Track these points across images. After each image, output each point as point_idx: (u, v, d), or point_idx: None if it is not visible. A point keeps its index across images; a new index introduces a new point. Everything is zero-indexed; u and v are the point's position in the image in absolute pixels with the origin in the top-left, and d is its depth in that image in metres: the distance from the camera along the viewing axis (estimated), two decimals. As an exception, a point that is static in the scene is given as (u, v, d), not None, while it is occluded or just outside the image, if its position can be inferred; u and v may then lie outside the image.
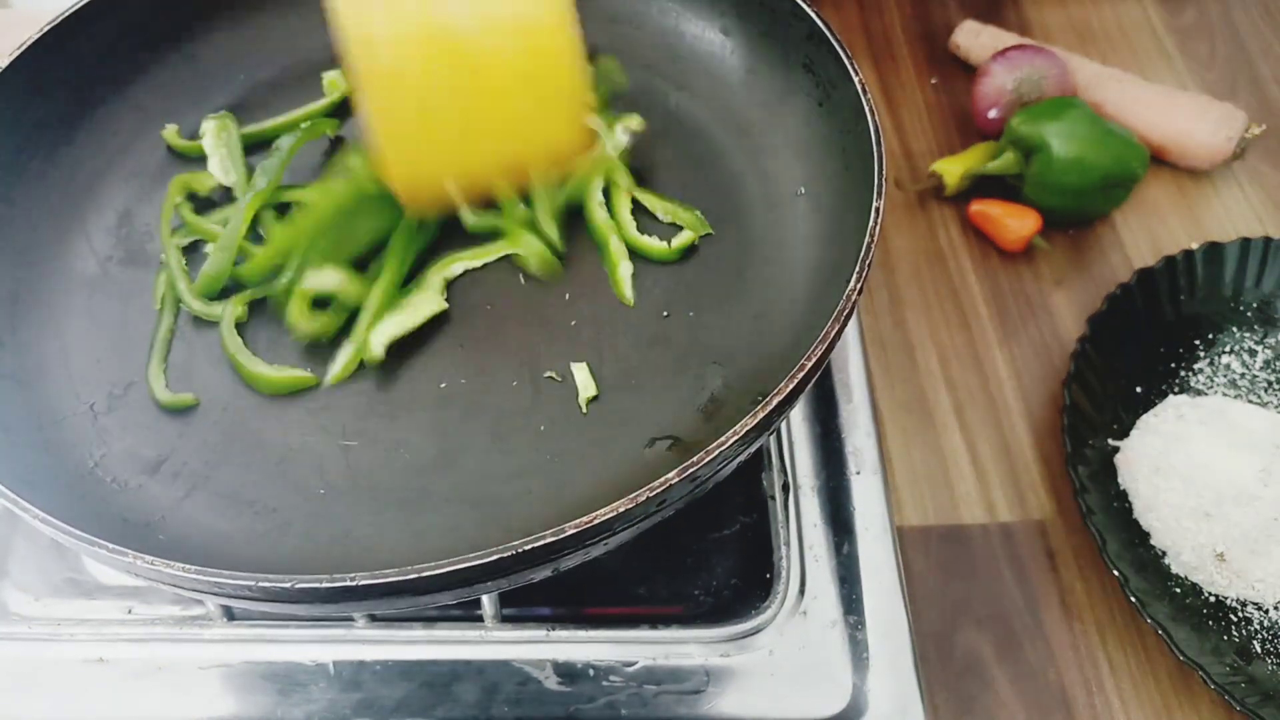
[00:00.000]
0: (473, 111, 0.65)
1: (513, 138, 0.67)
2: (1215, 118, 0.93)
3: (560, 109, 0.67)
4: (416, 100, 0.64)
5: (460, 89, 0.64)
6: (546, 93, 0.66)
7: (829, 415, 0.75)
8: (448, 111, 0.65)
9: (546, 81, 0.66)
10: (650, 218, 0.72)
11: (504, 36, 0.63)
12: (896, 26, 1.09)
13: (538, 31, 0.64)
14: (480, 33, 0.63)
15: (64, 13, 0.71)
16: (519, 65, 0.64)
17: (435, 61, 0.63)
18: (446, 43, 0.63)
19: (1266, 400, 0.80)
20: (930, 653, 0.71)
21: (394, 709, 0.64)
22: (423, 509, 0.60)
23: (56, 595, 0.68)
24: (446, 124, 0.65)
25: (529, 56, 0.64)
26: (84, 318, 0.68)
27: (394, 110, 0.65)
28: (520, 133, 0.67)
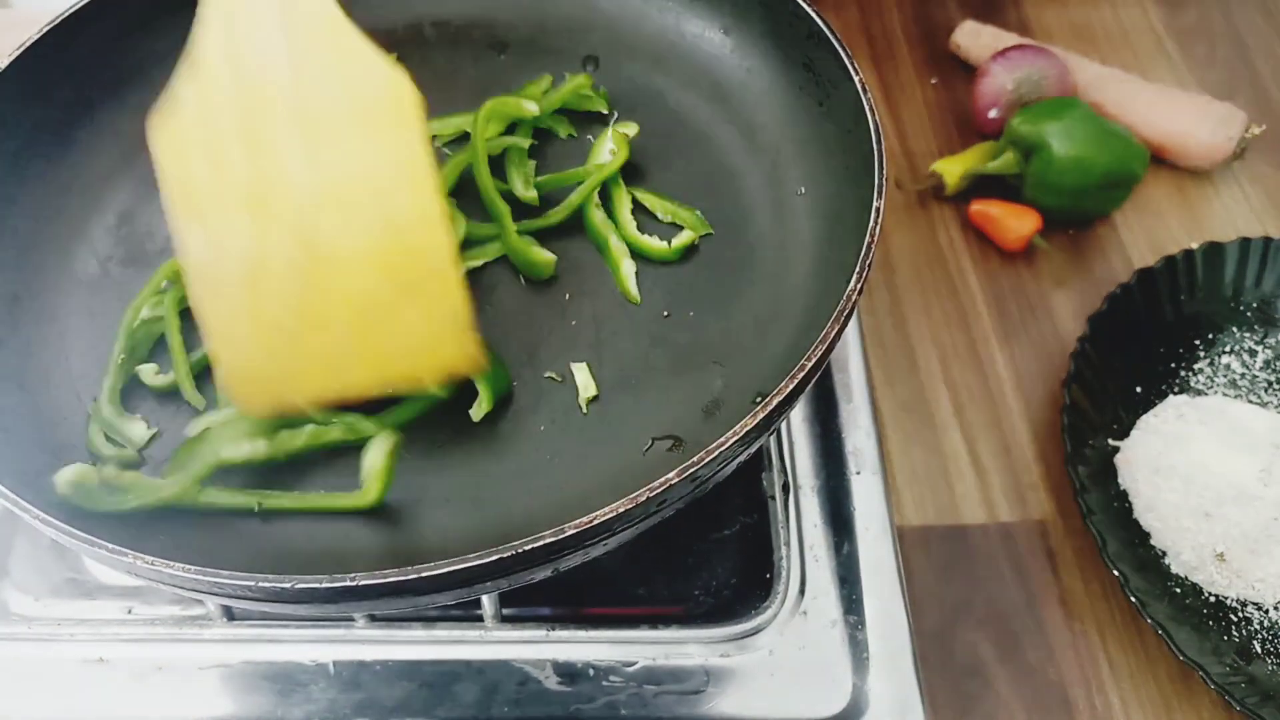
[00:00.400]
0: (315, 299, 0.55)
1: (370, 336, 0.57)
2: (1215, 118, 0.93)
3: (433, 304, 0.56)
4: (243, 277, 0.54)
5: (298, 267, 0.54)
6: (413, 280, 0.56)
7: (829, 415, 0.75)
8: (281, 294, 0.55)
9: (411, 266, 0.55)
10: (650, 217, 0.72)
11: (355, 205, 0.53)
12: (896, 26, 1.09)
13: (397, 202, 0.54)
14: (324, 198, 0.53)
15: (64, 13, 0.71)
16: (372, 239, 0.54)
17: (265, 227, 0.54)
18: (280, 205, 0.53)
19: (1266, 400, 0.80)
20: (930, 653, 0.71)
21: (394, 709, 0.64)
22: (423, 509, 0.60)
23: (56, 595, 0.68)
24: (281, 309, 0.55)
25: (385, 230, 0.54)
26: (84, 318, 0.68)
27: (217, 282, 0.55)
28: (380, 331, 0.57)
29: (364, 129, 0.54)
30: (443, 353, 0.58)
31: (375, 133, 0.55)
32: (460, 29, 0.82)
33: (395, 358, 0.57)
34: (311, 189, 0.54)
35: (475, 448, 0.62)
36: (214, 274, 0.55)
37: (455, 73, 0.80)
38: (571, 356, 0.66)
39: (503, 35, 0.82)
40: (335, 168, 0.54)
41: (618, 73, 0.79)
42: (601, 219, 0.70)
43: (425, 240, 0.55)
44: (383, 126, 0.55)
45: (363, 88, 0.55)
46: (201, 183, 0.54)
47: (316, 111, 0.54)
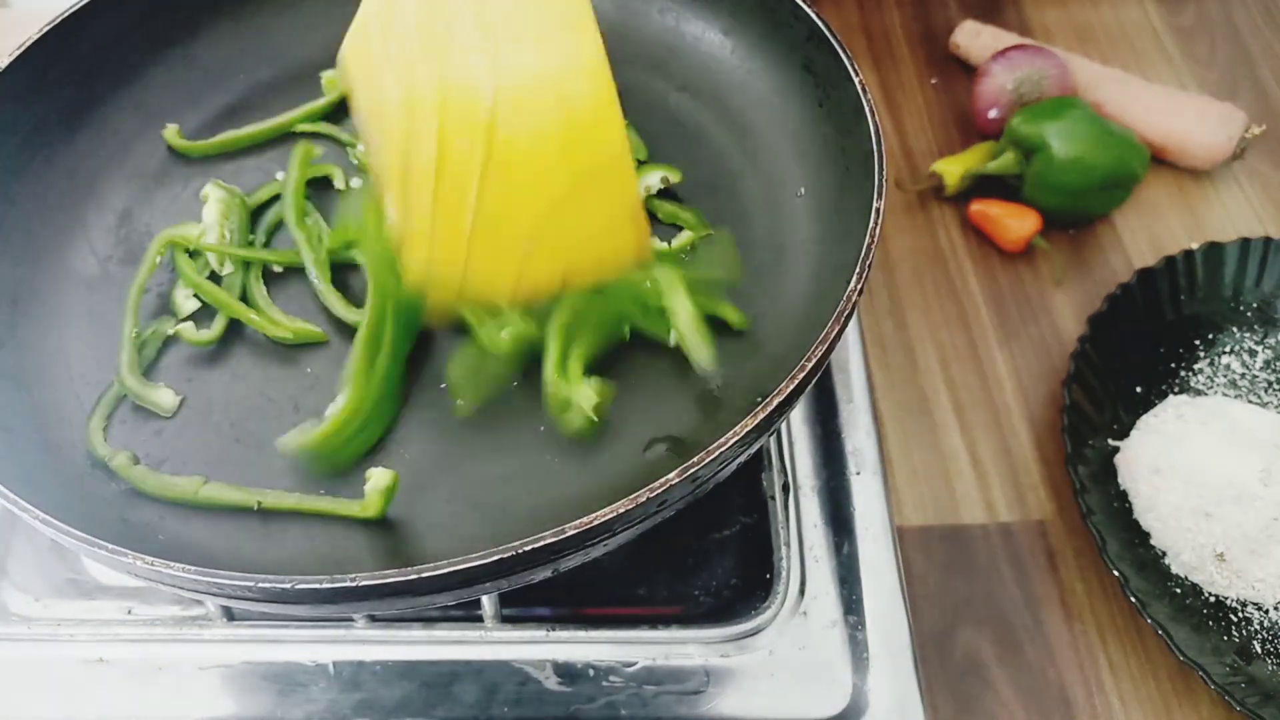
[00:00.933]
0: (500, 198, 0.56)
1: (553, 231, 0.58)
2: (1215, 118, 0.93)
3: (610, 197, 0.58)
4: (431, 179, 0.56)
5: (484, 167, 0.56)
6: (592, 174, 0.57)
7: (829, 415, 0.75)
8: (467, 195, 0.56)
9: (591, 160, 0.57)
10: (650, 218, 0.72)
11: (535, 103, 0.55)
12: (896, 26, 1.09)
13: (575, 98, 0.55)
14: (506, 99, 0.54)
15: (64, 13, 0.71)
16: (553, 136, 0.56)
17: (452, 130, 0.55)
18: (465, 109, 0.55)
19: (1266, 400, 0.80)
20: (930, 653, 0.71)
21: (394, 709, 0.64)
22: (423, 509, 0.60)
23: (56, 596, 0.68)
24: (468, 209, 0.57)
25: (565, 126, 0.56)
26: (84, 318, 0.68)
27: (405, 189, 0.57)
28: (562, 225, 0.58)
29: (541, 26, 0.56)
30: (620, 243, 0.59)
31: (552, 29, 0.56)
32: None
33: (576, 249, 0.59)
34: (492, 86, 0.55)
35: (475, 448, 0.62)
36: (406, 182, 0.57)
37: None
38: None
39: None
40: (514, 64, 0.55)
41: (617, 74, 0.78)
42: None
43: (602, 132, 0.57)
44: (558, 23, 0.56)
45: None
46: (392, 96, 0.56)
47: (491, 11, 0.56)
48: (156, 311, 0.69)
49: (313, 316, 0.68)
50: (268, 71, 0.80)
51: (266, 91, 0.79)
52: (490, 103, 0.55)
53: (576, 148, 0.56)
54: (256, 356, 0.67)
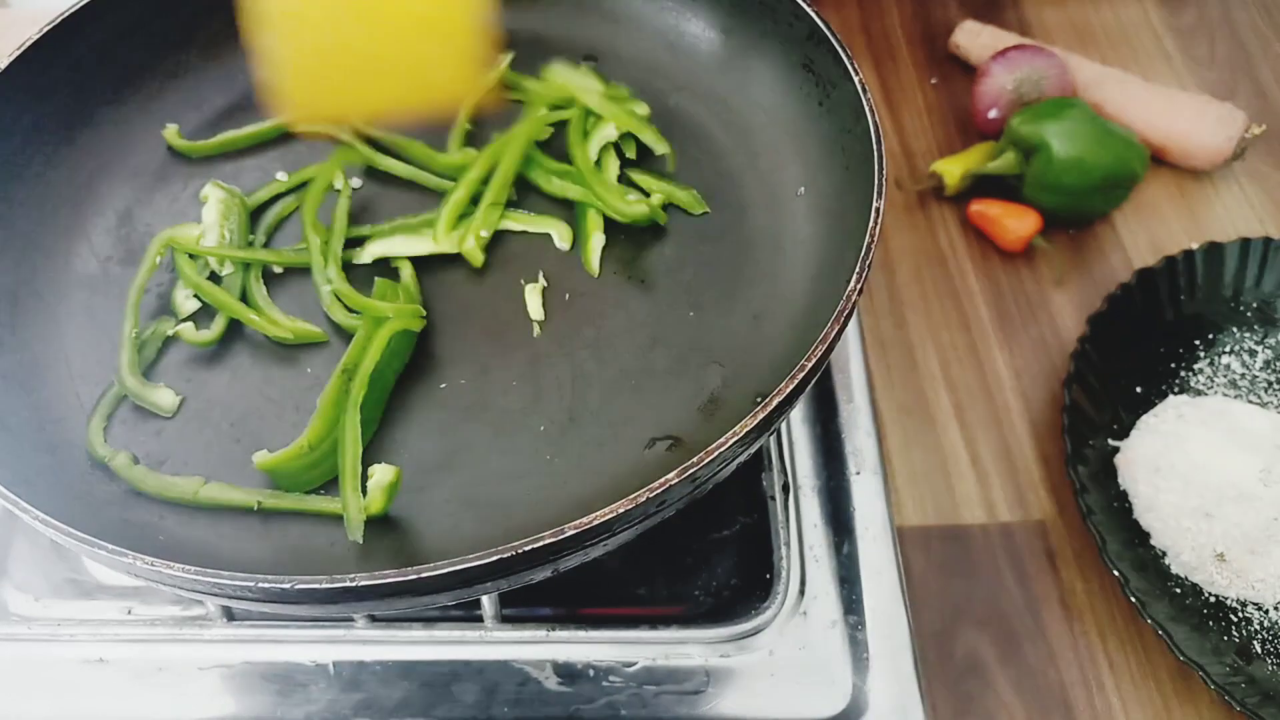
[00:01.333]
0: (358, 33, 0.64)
1: (401, 64, 0.66)
2: (1215, 118, 0.93)
3: (452, 41, 0.65)
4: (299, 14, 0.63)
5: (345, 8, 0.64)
6: (437, 21, 0.64)
7: (829, 415, 0.75)
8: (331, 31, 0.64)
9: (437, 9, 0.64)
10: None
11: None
12: (896, 26, 1.09)
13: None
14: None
15: (64, 13, 0.71)
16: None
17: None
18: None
19: (1266, 400, 0.80)
20: (930, 653, 0.71)
21: (394, 709, 0.64)
22: (423, 509, 0.60)
23: (56, 595, 0.68)
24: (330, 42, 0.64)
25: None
26: (84, 318, 0.68)
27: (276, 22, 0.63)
28: (409, 59, 0.66)
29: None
30: (458, 78, 0.67)
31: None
32: (460, 29, 0.83)
33: (420, 80, 0.66)
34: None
35: (475, 448, 0.62)
36: (274, 15, 0.62)
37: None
38: (572, 357, 0.66)
39: (503, 35, 0.82)
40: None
41: (617, 73, 0.79)
42: (589, 168, 0.72)
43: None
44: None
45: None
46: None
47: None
48: (156, 312, 0.69)
49: (313, 316, 0.68)
50: (268, 71, 0.80)
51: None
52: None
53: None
54: (256, 356, 0.67)
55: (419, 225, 0.71)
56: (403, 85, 0.67)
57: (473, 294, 0.69)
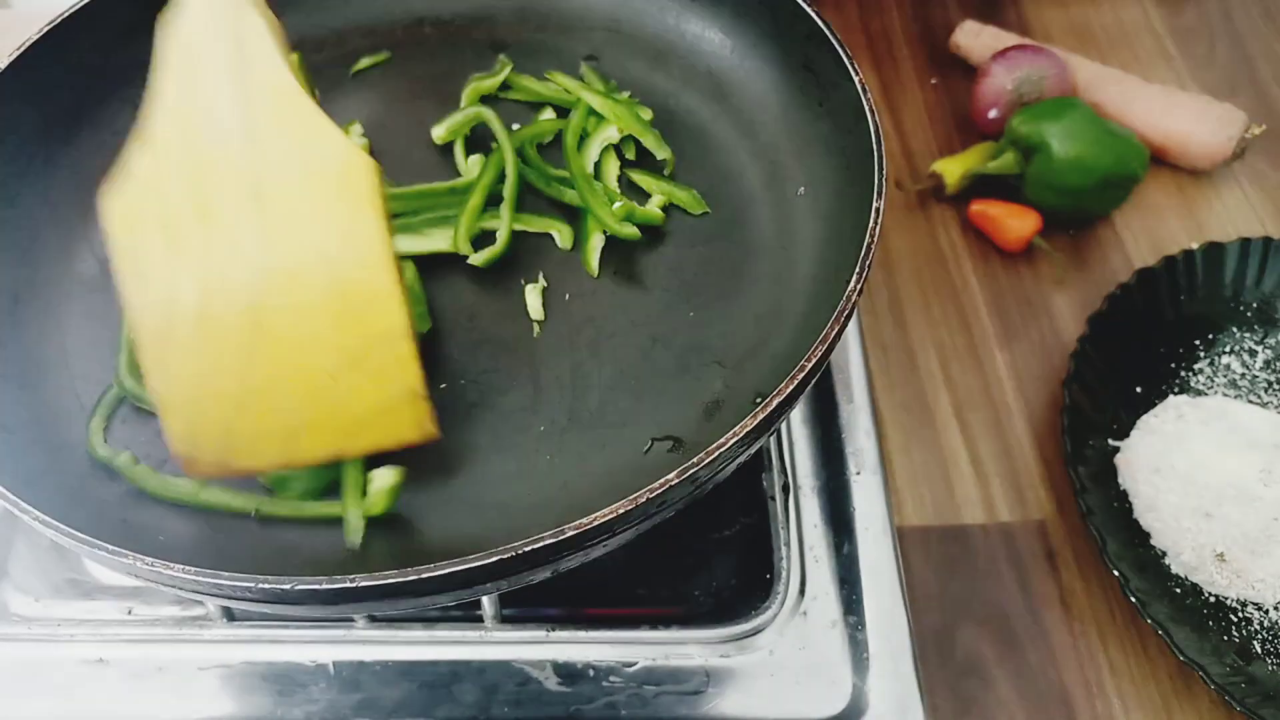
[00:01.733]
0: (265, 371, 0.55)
1: (320, 408, 0.56)
2: (1215, 118, 0.93)
3: (384, 379, 0.56)
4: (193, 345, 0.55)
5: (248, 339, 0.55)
6: (364, 355, 0.56)
7: (829, 416, 0.75)
8: (230, 365, 0.55)
9: (364, 341, 0.55)
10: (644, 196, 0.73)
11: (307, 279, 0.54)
12: (896, 26, 1.09)
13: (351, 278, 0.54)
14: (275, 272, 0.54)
15: (64, 13, 0.71)
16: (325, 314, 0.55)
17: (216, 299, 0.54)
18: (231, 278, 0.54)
19: (1267, 400, 0.80)
20: (930, 653, 0.71)
21: (394, 709, 0.64)
22: (423, 509, 0.60)
23: (56, 596, 0.68)
24: (230, 380, 0.55)
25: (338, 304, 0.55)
26: (84, 318, 0.68)
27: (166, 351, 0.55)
28: (330, 403, 0.56)
29: (318, 202, 0.55)
30: (394, 423, 0.57)
31: (329, 206, 0.55)
32: (460, 29, 0.83)
33: (345, 427, 0.57)
34: (263, 261, 0.54)
35: (475, 448, 0.62)
36: (163, 342, 0.55)
37: (455, 73, 0.80)
38: (571, 357, 0.66)
39: (503, 35, 0.82)
40: (287, 240, 0.54)
41: (618, 72, 0.79)
42: (587, 171, 0.72)
43: (377, 313, 0.55)
44: (337, 200, 0.55)
45: (318, 160, 0.55)
46: (153, 253, 0.54)
47: (270, 184, 0.55)
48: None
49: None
50: (268, 71, 0.80)
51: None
52: (259, 277, 0.54)
53: (349, 329, 0.55)
54: (256, 356, 0.67)
55: (420, 225, 0.71)
56: (331, 431, 0.57)
57: (473, 294, 0.69)
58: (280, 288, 0.54)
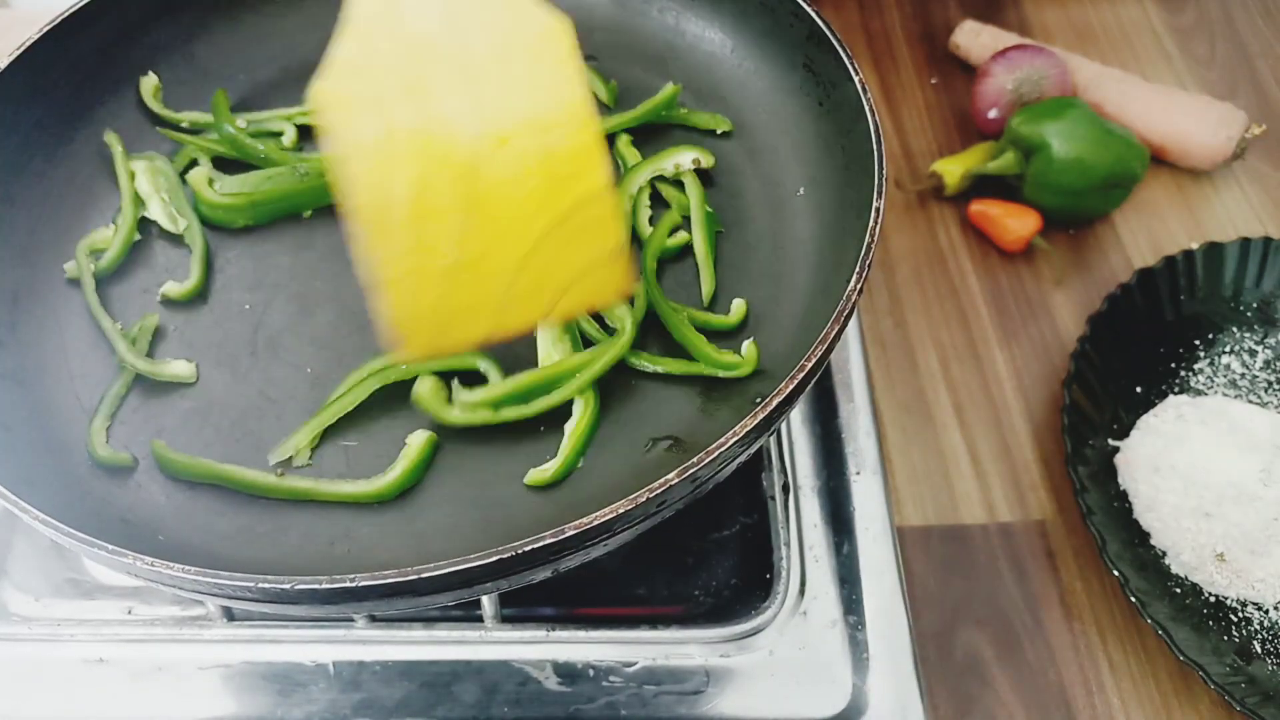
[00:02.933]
0: (482, 242, 0.56)
1: (535, 274, 0.57)
2: (1215, 118, 0.93)
3: (593, 239, 0.58)
4: (410, 221, 0.55)
5: (464, 211, 0.55)
6: (575, 217, 0.56)
7: (829, 415, 0.75)
8: (448, 239, 0.55)
9: (574, 203, 0.56)
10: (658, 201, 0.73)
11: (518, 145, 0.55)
12: (896, 26, 1.09)
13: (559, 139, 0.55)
14: (487, 141, 0.54)
15: (64, 13, 0.71)
16: (536, 178, 0.55)
17: (432, 173, 0.54)
18: (445, 151, 0.54)
19: (1266, 400, 0.80)
20: (930, 653, 0.71)
21: (394, 709, 0.64)
22: (423, 509, 0.60)
23: (56, 595, 0.68)
24: (448, 254, 0.56)
25: (548, 168, 0.55)
26: (84, 318, 0.68)
27: (384, 230, 0.56)
28: (544, 268, 0.57)
29: (521, 68, 0.55)
30: (599, 283, 0.59)
31: (531, 71, 0.56)
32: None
33: (558, 292, 0.58)
34: (474, 130, 0.55)
35: (475, 448, 0.62)
36: (382, 222, 0.56)
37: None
38: (571, 356, 0.66)
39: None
40: (496, 107, 0.55)
41: (618, 73, 0.79)
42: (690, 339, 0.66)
43: (585, 175, 0.56)
44: (538, 64, 0.56)
45: (516, 27, 0.56)
46: (369, 137, 0.54)
47: (475, 55, 0.55)
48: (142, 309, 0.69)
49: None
50: (267, 71, 0.80)
51: (267, 91, 0.79)
52: (471, 146, 0.55)
53: (558, 191, 0.56)
54: (256, 357, 0.67)
55: None
56: (542, 295, 0.58)
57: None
58: (492, 155, 0.55)
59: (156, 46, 0.77)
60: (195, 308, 0.69)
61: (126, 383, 0.65)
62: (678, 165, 0.73)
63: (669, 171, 0.73)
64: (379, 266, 0.56)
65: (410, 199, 0.55)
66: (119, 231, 0.70)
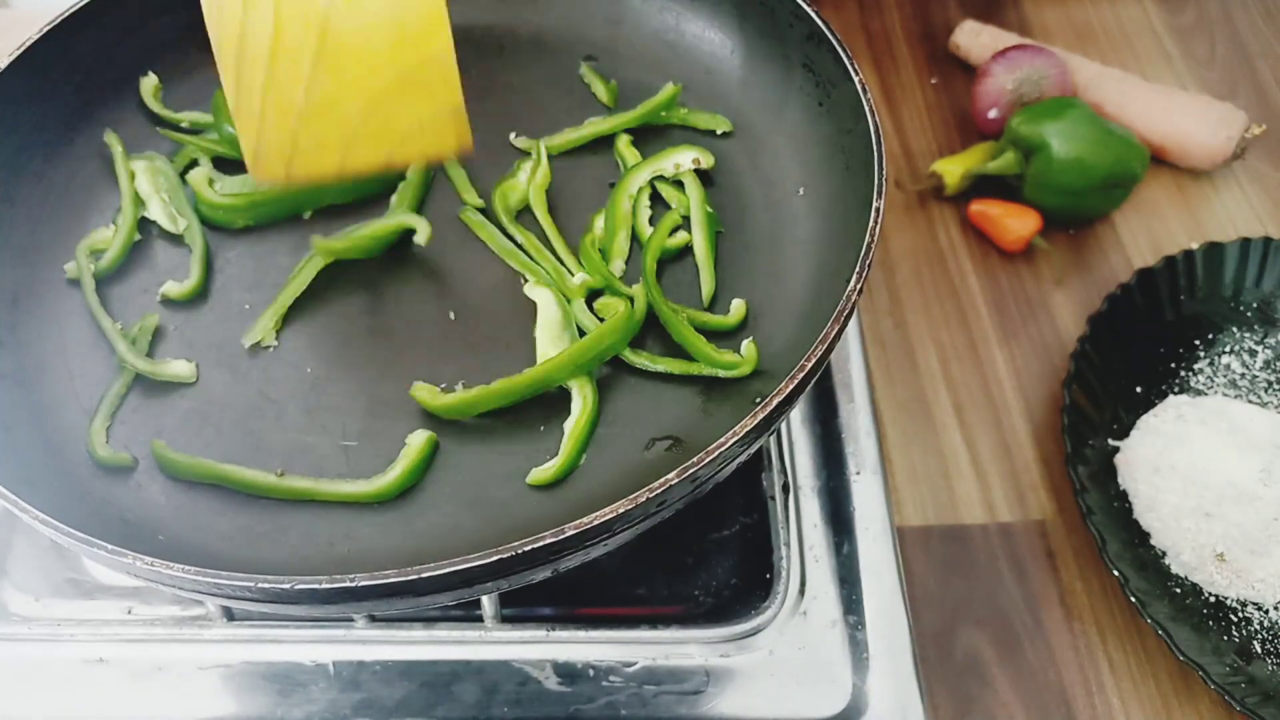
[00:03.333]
0: (330, 86, 0.61)
1: (378, 121, 0.63)
2: (1215, 118, 0.93)
3: (433, 96, 0.63)
4: (266, 61, 0.60)
5: (316, 56, 0.60)
6: (416, 74, 0.62)
7: (829, 415, 0.75)
8: (299, 80, 0.61)
9: (416, 61, 0.61)
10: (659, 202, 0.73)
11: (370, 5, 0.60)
12: (896, 26, 1.09)
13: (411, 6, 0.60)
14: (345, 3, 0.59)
15: (64, 13, 0.71)
16: (384, 35, 0.60)
17: (289, 20, 0.60)
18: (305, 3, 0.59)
19: (1266, 400, 0.80)
20: (930, 653, 0.71)
21: (394, 709, 0.64)
22: (423, 509, 0.60)
23: (56, 595, 0.68)
24: (299, 93, 0.61)
25: (395, 28, 0.60)
26: (84, 318, 0.68)
27: (243, 68, 0.61)
28: (386, 116, 0.63)
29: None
30: (438, 135, 0.64)
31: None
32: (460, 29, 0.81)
33: (397, 138, 0.64)
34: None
35: (475, 448, 0.62)
36: (240, 59, 0.60)
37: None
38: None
39: (502, 35, 0.82)
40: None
41: (618, 73, 0.79)
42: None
43: (427, 36, 0.61)
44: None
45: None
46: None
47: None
48: (142, 309, 0.69)
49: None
50: (268, 71, 0.80)
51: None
52: (326, 5, 0.59)
53: (404, 47, 0.61)
54: (256, 356, 0.67)
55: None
56: (384, 142, 0.64)
57: (479, 293, 0.69)
58: (345, 11, 0.60)
59: (156, 46, 0.77)
60: (195, 308, 0.69)
61: (126, 383, 0.65)
62: (678, 165, 0.73)
63: (669, 171, 0.73)
64: (237, 99, 0.62)
65: (267, 41, 0.60)
66: (119, 231, 0.70)
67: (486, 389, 0.63)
